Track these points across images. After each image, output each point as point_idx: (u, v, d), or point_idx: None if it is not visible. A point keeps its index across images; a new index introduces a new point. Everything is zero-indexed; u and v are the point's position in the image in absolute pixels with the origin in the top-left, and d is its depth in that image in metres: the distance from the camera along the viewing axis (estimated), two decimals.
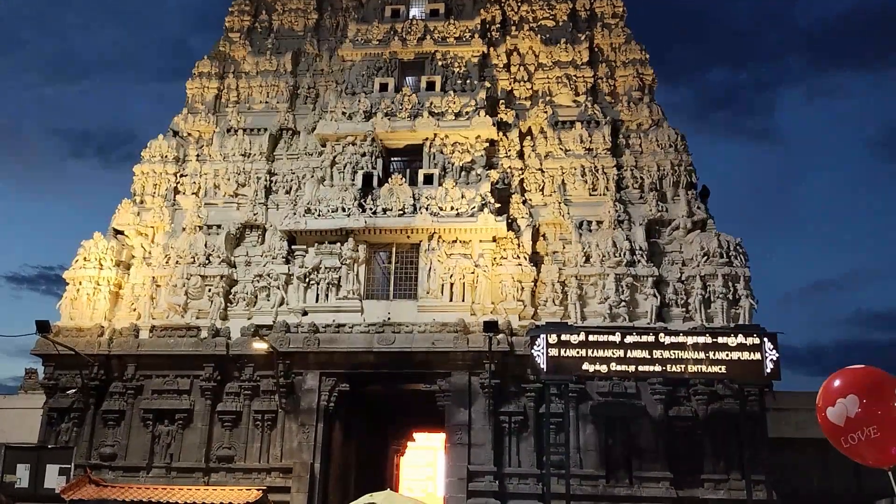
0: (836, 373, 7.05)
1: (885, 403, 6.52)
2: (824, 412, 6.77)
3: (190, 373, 19.48)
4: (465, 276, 19.61)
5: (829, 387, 6.93)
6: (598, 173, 21.11)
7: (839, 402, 6.64)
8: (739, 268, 19.40)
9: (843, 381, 6.83)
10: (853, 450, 6.64)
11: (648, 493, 17.75)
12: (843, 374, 7.01)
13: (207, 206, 21.66)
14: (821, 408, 6.87)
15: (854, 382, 6.76)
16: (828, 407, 6.74)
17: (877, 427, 6.39)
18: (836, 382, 6.89)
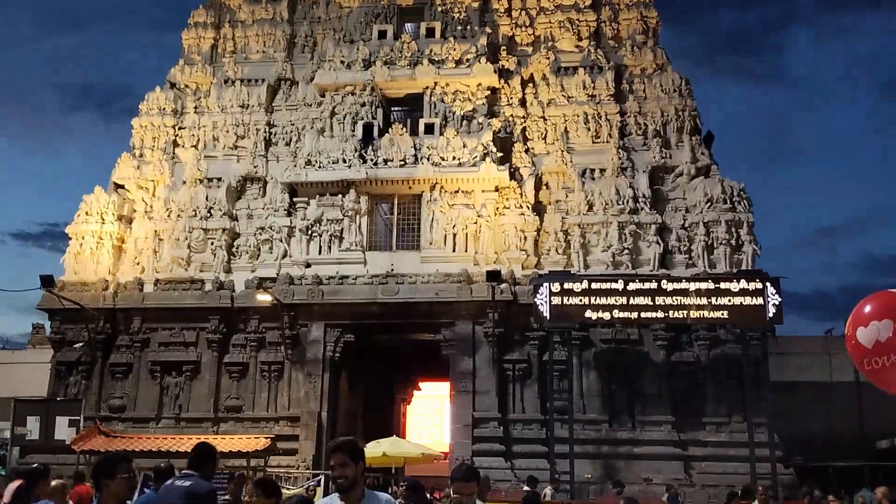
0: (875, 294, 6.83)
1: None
2: (854, 331, 6.63)
3: (195, 325, 19.64)
4: (468, 227, 19.57)
5: (864, 307, 6.74)
6: (601, 120, 20.87)
7: (873, 324, 6.49)
8: (743, 213, 19.32)
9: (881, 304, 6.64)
10: (876, 373, 6.55)
11: (651, 436, 18.03)
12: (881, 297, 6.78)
13: (207, 159, 21.52)
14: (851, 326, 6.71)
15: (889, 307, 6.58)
16: (859, 327, 6.59)
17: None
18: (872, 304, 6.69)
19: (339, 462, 3.97)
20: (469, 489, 4.27)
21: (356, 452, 4.01)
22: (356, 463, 3.96)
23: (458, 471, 4.35)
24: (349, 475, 3.94)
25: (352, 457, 3.97)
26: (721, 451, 17.74)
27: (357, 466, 3.95)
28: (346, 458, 3.96)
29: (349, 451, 3.98)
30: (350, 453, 3.98)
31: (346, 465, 3.95)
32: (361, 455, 4.02)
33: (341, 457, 3.96)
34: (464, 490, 4.28)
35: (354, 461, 3.97)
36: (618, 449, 18.01)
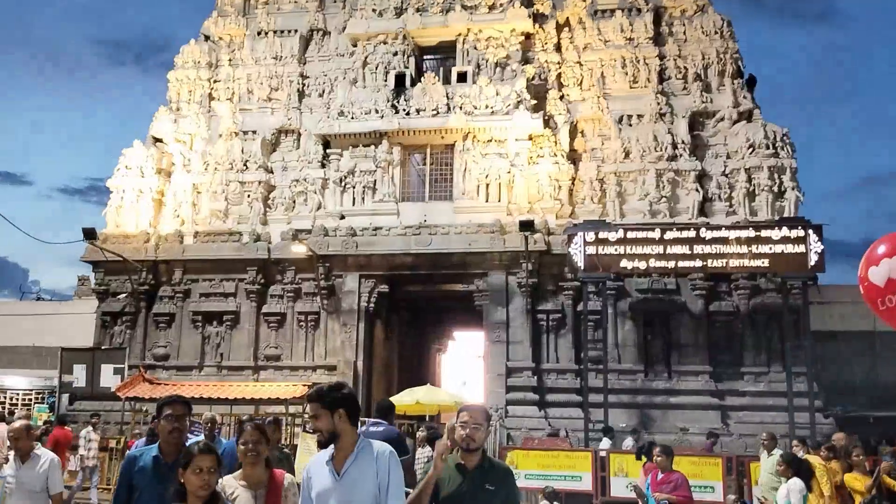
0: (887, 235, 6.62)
1: None
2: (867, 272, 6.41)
3: (234, 276, 19.97)
4: (501, 176, 19.34)
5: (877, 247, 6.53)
6: (639, 64, 20.27)
7: (884, 261, 6.26)
8: (786, 159, 18.71)
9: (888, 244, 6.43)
10: (889, 312, 6.33)
11: (687, 386, 17.88)
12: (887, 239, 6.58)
13: (242, 112, 21.59)
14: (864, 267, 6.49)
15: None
16: (871, 266, 6.37)
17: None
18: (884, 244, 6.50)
19: (312, 413, 3.58)
20: (476, 417, 3.80)
21: (330, 401, 3.55)
22: (332, 412, 3.51)
23: (463, 404, 4.03)
24: (323, 427, 3.52)
25: (325, 406, 3.53)
26: (759, 400, 17.53)
27: (335, 416, 3.50)
28: (317, 409, 3.54)
29: (320, 399, 3.56)
30: (322, 402, 3.55)
31: (318, 416, 3.55)
32: (342, 403, 3.55)
33: (313, 407, 3.57)
34: (471, 418, 3.80)
35: (330, 410, 3.51)
36: (653, 399, 17.91)
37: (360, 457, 3.49)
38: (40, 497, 5.74)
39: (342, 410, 3.53)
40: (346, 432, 3.53)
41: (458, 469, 3.77)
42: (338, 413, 3.51)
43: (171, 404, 4.49)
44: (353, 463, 3.47)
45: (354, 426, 3.59)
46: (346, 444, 3.52)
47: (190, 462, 3.55)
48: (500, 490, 3.75)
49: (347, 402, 3.57)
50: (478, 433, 3.76)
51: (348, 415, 3.55)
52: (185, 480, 3.54)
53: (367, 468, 3.45)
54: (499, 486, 3.74)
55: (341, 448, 3.51)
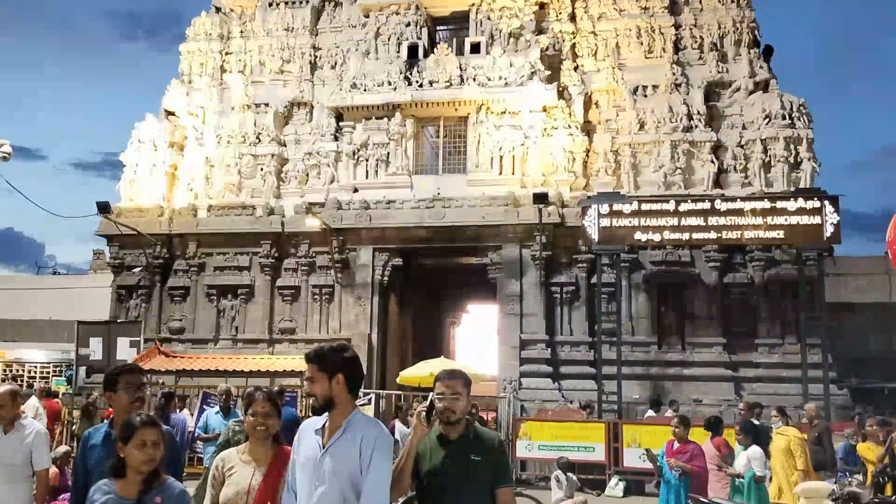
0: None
1: None
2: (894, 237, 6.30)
3: (248, 250, 20.04)
4: (515, 149, 19.23)
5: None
6: (654, 34, 20.02)
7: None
8: (802, 129, 18.52)
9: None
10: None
11: (701, 357, 17.89)
12: None
13: (254, 85, 21.51)
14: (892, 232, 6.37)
15: None
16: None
17: None
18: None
19: (308, 375, 3.26)
20: (454, 386, 3.53)
21: (330, 364, 3.23)
22: (330, 377, 3.19)
23: (441, 371, 3.70)
24: (318, 392, 3.20)
25: (324, 369, 3.22)
26: (773, 372, 17.54)
27: (333, 382, 3.19)
28: (314, 371, 3.23)
29: (318, 360, 3.24)
30: (321, 364, 3.23)
31: (314, 379, 3.24)
32: (342, 368, 3.23)
33: (310, 368, 3.25)
34: (448, 388, 3.53)
35: (328, 374, 3.20)
36: (667, 370, 17.95)
37: (347, 432, 3.18)
38: (20, 472, 5.12)
39: (341, 376, 3.21)
40: (341, 401, 3.22)
41: (439, 441, 3.54)
42: (336, 378, 3.20)
43: (128, 373, 4.10)
44: (339, 438, 3.17)
45: (353, 395, 3.27)
46: (338, 416, 3.21)
47: (132, 435, 3.27)
48: (487, 460, 3.48)
49: (348, 367, 3.25)
50: (458, 404, 3.52)
51: (347, 382, 3.23)
52: (127, 455, 3.27)
53: (352, 445, 3.15)
54: (485, 456, 3.48)
55: (333, 418, 3.21)
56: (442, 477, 3.45)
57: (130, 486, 3.27)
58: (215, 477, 3.66)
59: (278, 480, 3.50)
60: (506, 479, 3.50)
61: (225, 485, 3.59)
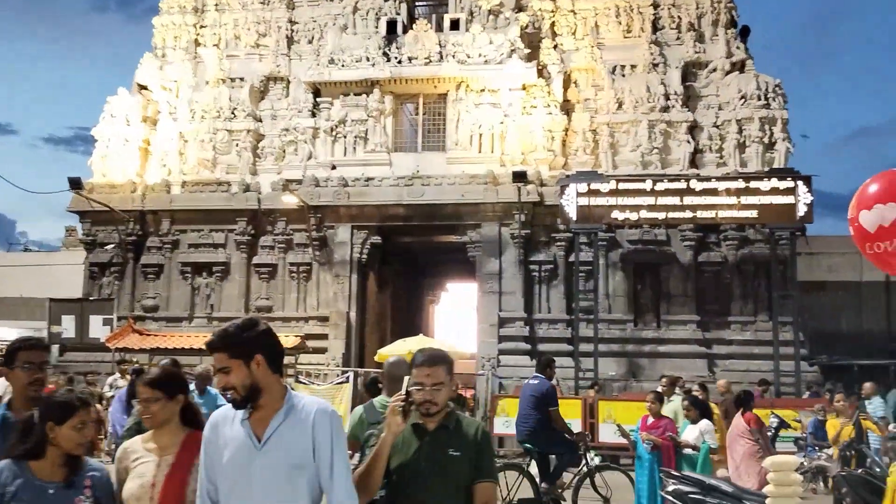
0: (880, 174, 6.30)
1: None
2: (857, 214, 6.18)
3: (224, 227, 19.83)
4: (494, 127, 19.21)
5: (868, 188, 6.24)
6: (633, 13, 20.05)
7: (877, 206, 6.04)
8: (777, 110, 18.72)
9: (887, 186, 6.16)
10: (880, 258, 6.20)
11: (675, 335, 18.15)
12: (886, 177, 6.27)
13: (229, 59, 21.17)
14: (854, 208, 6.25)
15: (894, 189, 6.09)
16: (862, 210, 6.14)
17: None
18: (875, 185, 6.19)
19: (219, 366, 2.65)
20: (436, 374, 3.03)
21: (241, 347, 2.61)
22: (248, 361, 2.60)
23: (420, 355, 3.12)
24: (237, 383, 2.60)
25: (236, 355, 2.60)
26: (745, 349, 17.86)
27: (252, 366, 2.60)
28: (225, 360, 2.61)
29: (225, 346, 2.63)
30: (230, 350, 2.61)
31: (227, 369, 2.61)
32: (258, 346, 2.63)
33: (219, 358, 2.64)
34: (429, 377, 3.02)
35: (244, 360, 2.60)
36: (642, 347, 18.19)
37: (290, 417, 2.61)
38: None
39: (260, 356, 2.61)
40: (269, 384, 2.62)
41: (414, 431, 3.02)
42: (255, 361, 2.60)
43: (27, 350, 3.60)
44: (280, 425, 2.60)
45: (279, 374, 2.69)
46: (270, 401, 2.62)
47: (70, 416, 2.98)
48: (469, 456, 3.00)
49: (266, 344, 2.65)
50: (440, 395, 3.02)
51: (268, 361, 2.64)
52: (60, 437, 2.97)
53: (300, 433, 2.59)
54: (466, 450, 3.00)
55: (263, 405, 2.62)
56: (415, 472, 2.98)
57: (50, 468, 2.98)
58: (119, 471, 3.13)
59: (188, 471, 3.00)
60: (486, 474, 3.05)
61: (129, 478, 3.08)
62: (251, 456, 2.59)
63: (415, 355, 3.12)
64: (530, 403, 8.67)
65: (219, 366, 2.64)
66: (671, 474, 7.43)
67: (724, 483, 7.31)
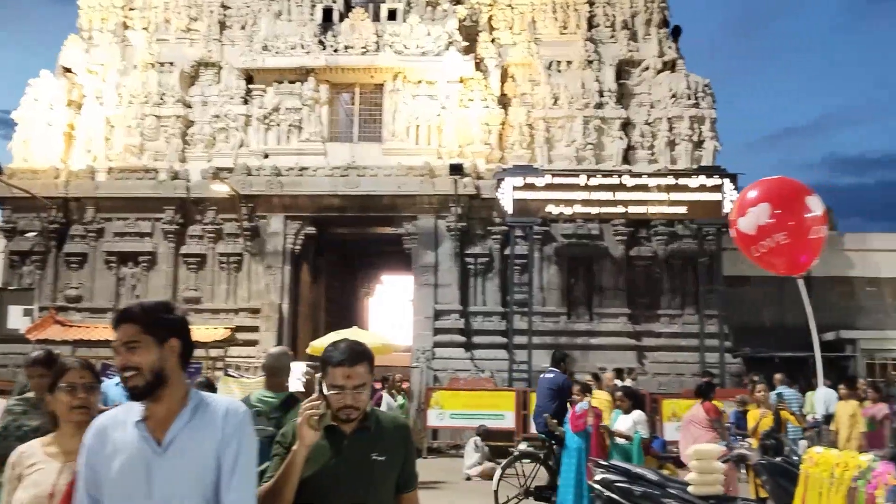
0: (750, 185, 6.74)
1: (796, 211, 6.28)
2: (736, 223, 6.54)
3: (151, 216, 19.26)
4: (431, 119, 19.18)
5: (742, 198, 6.66)
6: (569, 10, 20.27)
7: (750, 211, 6.39)
8: (706, 109, 19.23)
9: (755, 191, 6.55)
10: (764, 258, 6.52)
11: (607, 327, 18.49)
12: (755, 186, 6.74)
13: (159, 43, 20.51)
14: (733, 221, 6.63)
15: (766, 191, 6.47)
16: (739, 217, 6.50)
17: (787, 234, 6.20)
18: (748, 193, 6.63)
19: (125, 340, 2.21)
20: (358, 375, 2.58)
21: (162, 323, 2.22)
22: (162, 342, 2.21)
23: (336, 352, 2.62)
24: (143, 363, 2.18)
25: (150, 331, 2.20)
26: (673, 341, 18.32)
27: (164, 350, 2.21)
28: (137, 333, 2.20)
29: (141, 320, 2.21)
30: (146, 324, 2.20)
31: (135, 345, 2.19)
32: (175, 330, 2.25)
33: (128, 330, 2.21)
34: (349, 378, 2.57)
35: (159, 339, 2.20)
36: (575, 340, 18.44)
37: (195, 418, 2.23)
38: None
39: (175, 341, 2.24)
40: (175, 378, 2.24)
41: (328, 435, 2.58)
42: (169, 344, 2.22)
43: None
44: (184, 427, 2.21)
45: (185, 371, 2.31)
46: (171, 399, 2.23)
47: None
48: (394, 460, 2.64)
49: (184, 331, 2.29)
50: (362, 397, 2.59)
51: (181, 351, 2.27)
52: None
53: (206, 436, 2.21)
54: (392, 454, 2.63)
55: (163, 402, 2.22)
56: (335, 483, 2.56)
57: None
58: (10, 479, 2.78)
59: None
60: (413, 483, 2.73)
61: (21, 487, 2.73)
62: (150, 463, 2.18)
63: (329, 352, 2.63)
64: (547, 396, 9.03)
65: (125, 339, 2.20)
66: (599, 463, 7.53)
67: (650, 472, 7.46)
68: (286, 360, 4.88)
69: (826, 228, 6.56)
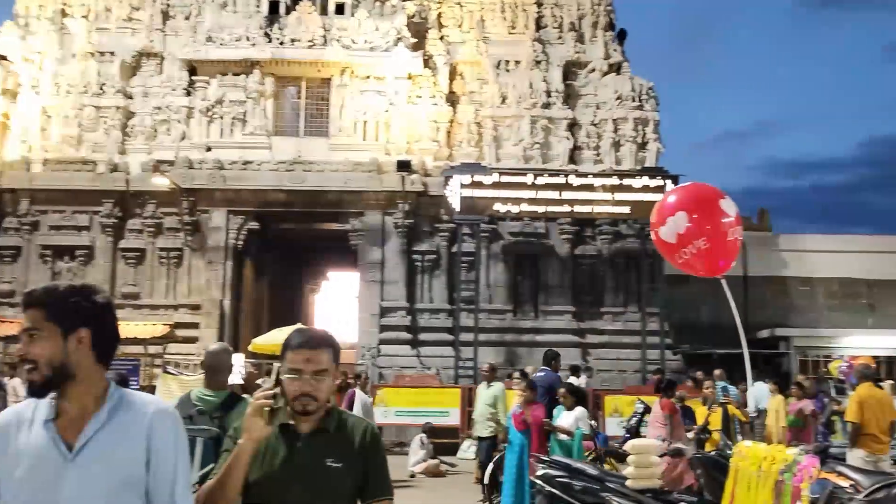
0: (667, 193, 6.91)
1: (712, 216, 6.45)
2: (657, 233, 6.65)
3: (89, 208, 18.71)
4: (379, 115, 19.08)
5: (659, 208, 6.77)
6: (517, 10, 20.40)
7: (669, 220, 6.50)
8: (650, 112, 19.59)
9: (672, 200, 6.68)
10: (687, 264, 6.66)
11: (552, 324, 18.68)
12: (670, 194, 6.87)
13: (99, 32, 19.92)
14: (654, 229, 6.75)
15: (682, 199, 6.60)
16: (659, 227, 6.61)
17: (706, 239, 6.36)
18: (664, 202, 6.76)
19: (27, 326, 1.93)
20: (318, 359, 2.28)
21: (68, 310, 1.91)
22: (67, 333, 1.90)
23: (297, 334, 2.38)
24: (43, 356, 1.89)
25: (54, 317, 1.91)
26: (616, 338, 18.62)
27: (70, 341, 1.90)
28: (39, 320, 1.91)
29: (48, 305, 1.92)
30: (49, 310, 1.91)
31: (36, 333, 1.91)
32: (85, 318, 1.92)
33: (32, 317, 1.93)
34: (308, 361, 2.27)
35: (63, 329, 1.90)
36: (521, 337, 18.60)
37: (115, 419, 1.92)
38: None
39: (85, 332, 1.92)
40: (87, 373, 1.93)
41: (282, 435, 2.29)
42: (77, 335, 1.91)
43: None
44: (102, 429, 1.91)
45: (104, 365, 1.98)
46: (85, 396, 1.93)
47: None
48: (354, 468, 2.31)
49: (98, 320, 1.95)
50: (322, 386, 2.29)
51: (96, 342, 1.94)
52: None
53: (130, 440, 1.92)
54: (351, 461, 2.30)
55: (76, 400, 1.92)
56: (282, 489, 2.25)
57: None
58: None
59: None
60: (380, 490, 2.37)
61: None
62: (59, 470, 1.88)
63: (290, 335, 2.38)
64: (539, 393, 9.30)
65: (27, 324, 1.93)
66: (540, 459, 7.59)
67: (590, 466, 7.55)
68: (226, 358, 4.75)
69: (741, 230, 6.73)
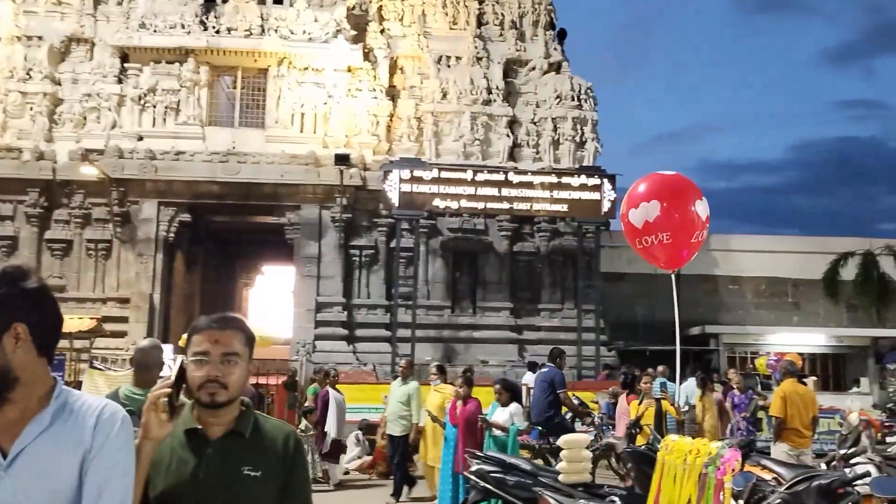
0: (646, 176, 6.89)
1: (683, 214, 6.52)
2: (627, 212, 6.71)
3: (12, 197, 17.95)
4: (318, 107, 18.80)
5: (636, 189, 6.80)
6: (459, 6, 20.40)
7: (642, 205, 6.55)
8: (588, 111, 19.84)
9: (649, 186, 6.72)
10: (645, 251, 6.74)
11: (490, 321, 18.75)
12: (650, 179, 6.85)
13: (27, 15, 19.11)
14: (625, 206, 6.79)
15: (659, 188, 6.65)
16: (630, 209, 6.67)
17: (670, 234, 6.44)
18: (642, 186, 6.75)
19: None
20: (227, 342, 2.05)
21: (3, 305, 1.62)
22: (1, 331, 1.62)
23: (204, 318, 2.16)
24: None
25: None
26: (553, 335, 18.76)
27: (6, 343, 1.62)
28: None
29: None
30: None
31: None
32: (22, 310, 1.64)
33: None
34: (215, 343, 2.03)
35: None
36: (458, 333, 18.61)
37: (56, 423, 1.67)
38: None
39: (21, 328, 1.64)
40: (30, 372, 1.67)
41: (189, 441, 2.03)
42: (12, 332, 1.63)
43: None
44: (41, 435, 1.65)
45: (46, 359, 1.71)
46: (28, 398, 1.67)
47: None
48: (272, 476, 2.04)
49: (35, 310, 1.67)
50: (232, 371, 2.03)
51: (35, 336, 1.67)
52: None
53: (68, 447, 1.66)
54: (270, 469, 2.04)
55: (17, 402, 1.66)
56: (189, 501, 1.99)
57: None
58: None
59: None
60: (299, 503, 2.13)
61: None
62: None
63: (198, 319, 2.14)
64: (542, 389, 9.50)
65: None
66: (475, 454, 7.58)
67: (523, 462, 7.58)
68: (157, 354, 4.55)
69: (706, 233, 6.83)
